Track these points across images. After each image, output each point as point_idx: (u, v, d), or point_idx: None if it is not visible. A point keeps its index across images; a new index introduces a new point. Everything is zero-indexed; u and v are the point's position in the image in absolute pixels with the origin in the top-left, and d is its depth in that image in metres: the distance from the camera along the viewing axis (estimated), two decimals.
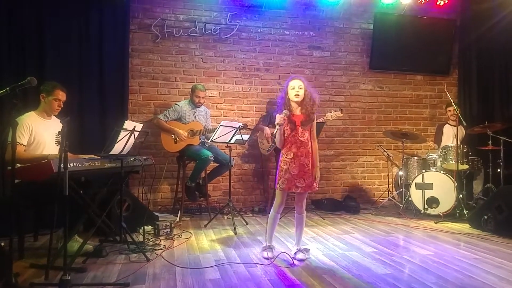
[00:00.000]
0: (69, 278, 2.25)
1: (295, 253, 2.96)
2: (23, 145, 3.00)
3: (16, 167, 2.85)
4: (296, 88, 2.83)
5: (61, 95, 3.18)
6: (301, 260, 2.90)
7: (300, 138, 2.84)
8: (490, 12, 5.33)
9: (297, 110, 2.87)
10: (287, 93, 2.86)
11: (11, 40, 4.07)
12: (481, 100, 5.62)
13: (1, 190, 3.72)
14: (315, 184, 2.90)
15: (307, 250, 3.03)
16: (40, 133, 3.08)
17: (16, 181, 2.72)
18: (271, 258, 2.91)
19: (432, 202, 4.50)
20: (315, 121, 2.95)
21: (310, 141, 2.89)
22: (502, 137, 4.59)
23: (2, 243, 2.55)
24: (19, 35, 4.10)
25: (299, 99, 2.82)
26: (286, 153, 2.87)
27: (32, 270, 2.68)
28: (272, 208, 2.97)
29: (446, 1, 5.51)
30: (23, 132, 3.00)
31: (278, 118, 2.80)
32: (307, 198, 5.14)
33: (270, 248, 2.99)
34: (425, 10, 5.64)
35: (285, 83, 2.93)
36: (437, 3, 5.54)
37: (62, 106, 3.22)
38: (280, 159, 2.90)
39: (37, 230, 3.47)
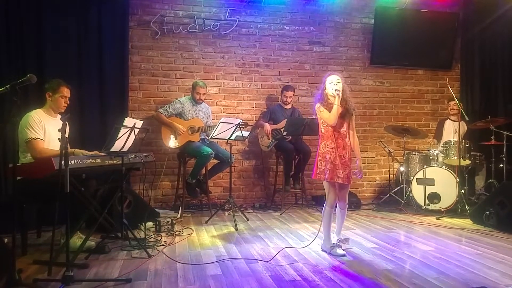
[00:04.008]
0: (72, 274, 2.27)
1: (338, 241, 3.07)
2: (43, 140, 3.01)
3: (18, 164, 2.88)
4: (334, 82, 2.93)
5: (66, 92, 3.21)
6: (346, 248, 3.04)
7: (339, 129, 2.95)
8: (493, 5, 5.26)
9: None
10: (325, 88, 2.97)
11: (11, 38, 4.06)
12: (484, 94, 5.57)
13: (4, 187, 3.75)
14: (357, 174, 2.99)
15: (346, 240, 3.14)
16: (48, 130, 3.10)
17: (18, 178, 2.73)
18: (344, 250, 2.99)
19: (434, 197, 4.49)
20: (354, 115, 3.05)
21: (348, 133, 3.00)
22: (505, 132, 4.54)
23: (5, 240, 2.56)
24: (18, 33, 4.09)
25: (338, 93, 2.89)
26: (327, 143, 2.95)
27: (35, 266, 2.70)
28: (325, 204, 3.02)
29: None
30: (38, 127, 3.01)
31: (332, 91, 2.91)
32: (308, 194, 5.22)
33: (337, 245, 2.99)
34: (427, 4, 5.59)
35: (323, 79, 3.04)
36: None
37: (68, 102, 3.24)
38: (321, 150, 2.96)
39: (40, 226, 3.49)
